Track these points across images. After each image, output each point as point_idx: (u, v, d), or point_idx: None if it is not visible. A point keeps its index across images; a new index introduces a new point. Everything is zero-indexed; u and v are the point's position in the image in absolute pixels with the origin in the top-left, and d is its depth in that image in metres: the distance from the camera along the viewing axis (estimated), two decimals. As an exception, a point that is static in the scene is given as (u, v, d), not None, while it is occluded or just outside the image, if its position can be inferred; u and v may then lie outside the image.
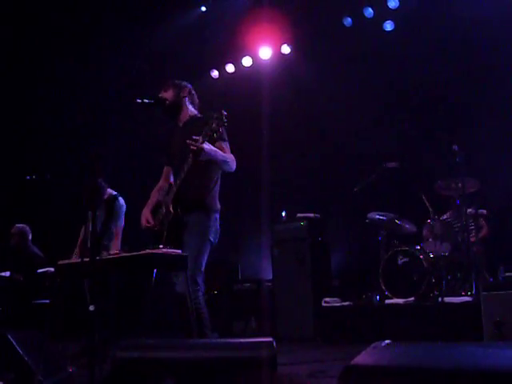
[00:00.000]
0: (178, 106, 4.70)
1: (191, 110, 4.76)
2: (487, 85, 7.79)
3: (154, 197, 4.77)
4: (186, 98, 4.73)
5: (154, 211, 4.63)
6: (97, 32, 9.01)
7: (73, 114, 9.16)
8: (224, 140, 4.52)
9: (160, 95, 4.69)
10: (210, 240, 4.43)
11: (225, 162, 4.41)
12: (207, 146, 4.17)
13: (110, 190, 6.40)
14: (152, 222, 4.54)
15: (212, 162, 4.38)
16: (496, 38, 7.70)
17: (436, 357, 1.98)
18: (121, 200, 6.32)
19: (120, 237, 6.15)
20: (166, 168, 4.87)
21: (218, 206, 4.58)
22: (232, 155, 4.51)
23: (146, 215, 4.62)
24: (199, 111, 4.81)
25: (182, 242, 4.37)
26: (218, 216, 4.55)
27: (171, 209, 4.41)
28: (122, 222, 6.25)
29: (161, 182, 4.87)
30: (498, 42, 7.75)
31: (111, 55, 9.14)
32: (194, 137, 4.14)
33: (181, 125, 4.72)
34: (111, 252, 5.15)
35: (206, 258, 4.41)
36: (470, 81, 7.93)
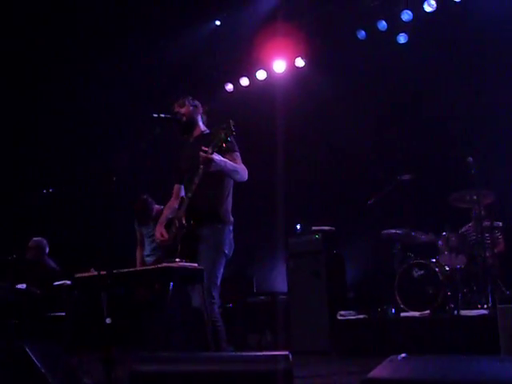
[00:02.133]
0: (193, 122, 4.74)
1: (203, 127, 4.80)
2: (501, 96, 7.77)
3: (165, 213, 4.80)
4: (200, 116, 4.78)
5: (167, 228, 4.64)
6: (111, 45, 9.09)
7: (90, 127, 9.26)
8: (234, 151, 4.53)
9: (175, 110, 4.73)
10: (224, 253, 4.44)
11: (235, 171, 4.43)
12: (217, 156, 4.20)
13: (157, 206, 6.55)
14: (166, 236, 4.56)
15: (223, 173, 4.40)
16: (510, 50, 7.68)
17: (452, 371, 1.98)
18: None
19: None
20: (176, 186, 4.86)
21: (231, 218, 4.59)
22: (243, 165, 4.52)
23: (159, 230, 4.63)
24: (208, 128, 4.85)
25: (197, 256, 4.38)
26: (231, 228, 4.56)
27: (184, 222, 4.41)
28: None
29: (171, 200, 4.86)
30: (513, 54, 7.74)
31: (125, 69, 9.22)
32: (204, 148, 4.18)
33: (191, 140, 4.75)
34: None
35: (221, 271, 4.41)
36: (485, 92, 7.91)
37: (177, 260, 4.08)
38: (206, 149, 4.18)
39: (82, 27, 8.82)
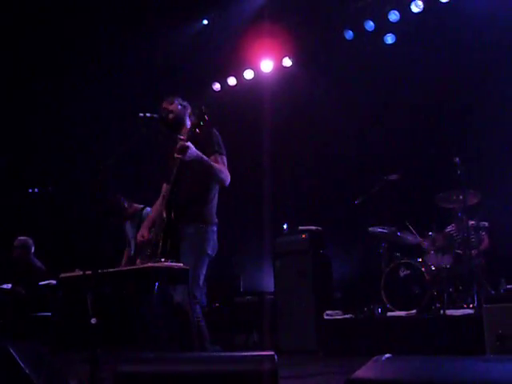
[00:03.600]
0: (181, 120, 4.71)
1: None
2: (488, 96, 7.81)
3: (152, 215, 4.78)
4: (187, 116, 4.75)
5: (151, 227, 4.62)
6: (99, 46, 9.05)
7: (76, 127, 9.22)
8: (221, 153, 4.52)
9: (164, 106, 4.70)
10: (207, 253, 4.42)
11: (211, 168, 4.40)
12: (192, 146, 4.20)
13: (136, 205, 6.61)
14: (146, 236, 4.55)
15: (202, 168, 4.37)
16: (497, 49, 7.73)
17: (437, 371, 1.98)
18: (148, 209, 6.44)
19: None
20: (164, 185, 4.82)
21: (216, 220, 4.58)
22: (225, 169, 4.51)
23: (141, 231, 4.63)
24: None
25: (180, 254, 4.36)
26: (215, 229, 4.54)
27: (164, 215, 4.39)
28: None
29: (159, 200, 4.84)
30: (499, 53, 7.78)
31: (113, 68, 9.18)
32: (180, 136, 4.17)
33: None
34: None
35: (203, 271, 4.39)
36: (471, 92, 7.95)
37: (162, 260, 4.07)
38: (182, 137, 4.18)
39: (71, 28, 8.77)
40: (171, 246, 4.34)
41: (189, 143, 4.20)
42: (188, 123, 4.74)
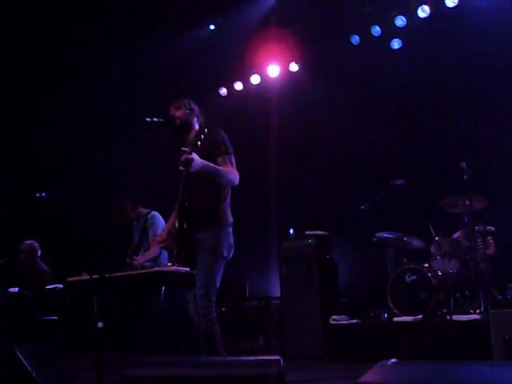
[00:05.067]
0: (188, 125, 4.70)
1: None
2: (495, 101, 7.80)
3: (172, 219, 4.79)
4: (196, 119, 4.74)
5: (170, 231, 4.63)
6: (106, 50, 9.09)
7: (84, 132, 9.25)
8: (227, 153, 4.50)
9: (171, 113, 4.70)
10: (222, 255, 4.41)
11: (217, 174, 4.39)
12: (196, 156, 4.18)
13: (142, 209, 6.72)
14: (164, 237, 4.56)
15: (207, 175, 4.37)
16: (504, 54, 7.71)
17: (443, 376, 1.98)
18: (153, 212, 6.60)
19: (157, 245, 6.23)
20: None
21: (230, 219, 4.56)
22: (234, 169, 4.48)
23: (160, 234, 4.65)
24: None
25: (196, 260, 4.37)
26: (230, 230, 4.53)
27: (177, 224, 4.40)
28: (156, 231, 6.43)
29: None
30: (507, 58, 7.76)
31: (120, 73, 9.21)
32: (183, 148, 4.16)
33: (188, 145, 4.73)
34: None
35: (220, 273, 4.39)
36: (478, 98, 7.94)
37: (169, 264, 4.08)
38: (186, 149, 4.16)
39: (77, 31, 8.81)
40: (186, 254, 4.34)
41: (193, 155, 4.17)
42: (196, 126, 4.74)
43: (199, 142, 4.19)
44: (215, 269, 4.35)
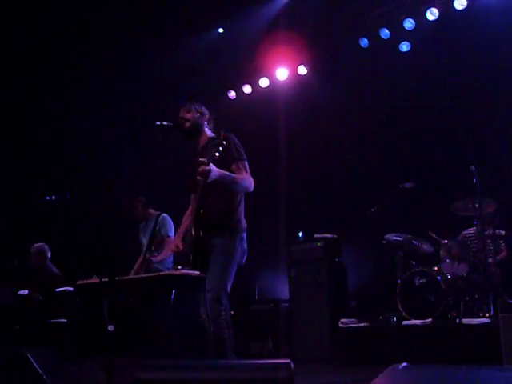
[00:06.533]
0: (198, 128, 4.72)
1: (210, 133, 4.79)
2: (505, 104, 7.77)
3: (184, 224, 4.81)
4: (206, 123, 4.76)
5: (184, 237, 4.65)
6: (115, 53, 9.12)
7: (93, 135, 9.28)
8: (241, 159, 4.54)
9: (181, 115, 4.72)
10: (235, 260, 4.45)
11: (234, 182, 4.44)
12: (213, 167, 4.22)
13: (152, 210, 6.82)
14: (181, 247, 4.57)
15: (223, 184, 4.40)
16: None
17: (453, 380, 1.98)
18: (164, 214, 6.71)
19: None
20: (192, 195, 4.81)
21: (244, 225, 4.59)
22: (248, 175, 4.52)
23: (175, 242, 4.66)
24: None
25: (208, 263, 4.38)
26: (244, 235, 4.57)
27: (193, 233, 4.42)
28: (168, 233, 6.54)
29: (189, 209, 4.87)
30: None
31: (129, 76, 9.24)
32: (201, 159, 4.19)
33: (199, 149, 4.74)
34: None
35: (231, 278, 4.42)
36: (487, 100, 7.91)
37: (179, 268, 4.09)
38: (204, 159, 4.19)
39: (86, 33, 8.85)
40: (201, 259, 4.37)
41: (211, 166, 4.20)
42: (206, 130, 4.75)
43: (217, 154, 4.21)
44: (227, 273, 4.38)
